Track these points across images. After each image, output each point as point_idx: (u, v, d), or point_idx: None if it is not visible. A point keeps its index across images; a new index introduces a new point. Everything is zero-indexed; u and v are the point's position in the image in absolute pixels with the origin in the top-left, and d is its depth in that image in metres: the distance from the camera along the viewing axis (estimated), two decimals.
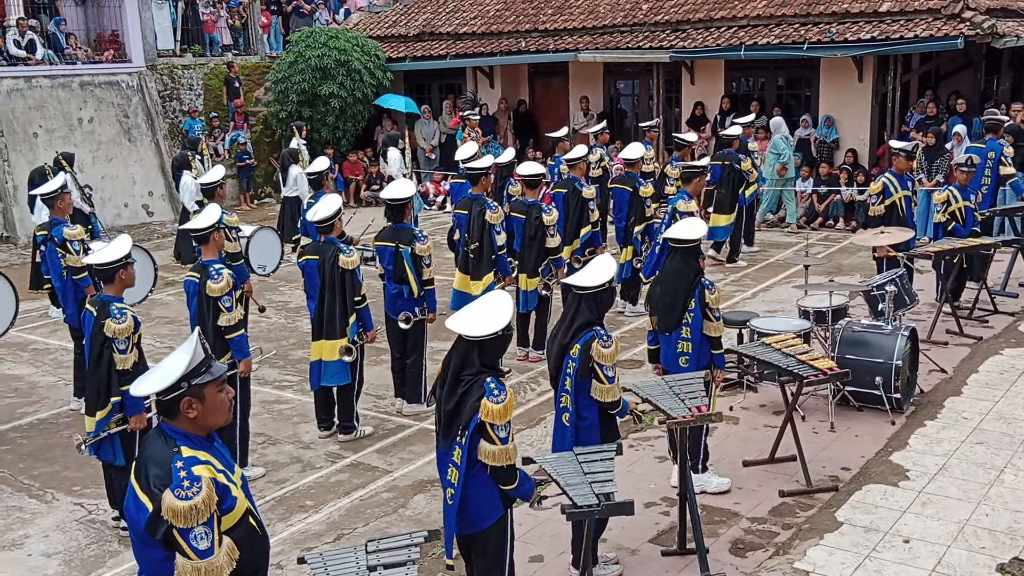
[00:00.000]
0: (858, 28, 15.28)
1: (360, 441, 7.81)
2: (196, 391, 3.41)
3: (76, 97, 17.41)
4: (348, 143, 19.71)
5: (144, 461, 3.40)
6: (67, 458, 7.70)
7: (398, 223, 8.07)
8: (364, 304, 7.66)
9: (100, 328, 6.07)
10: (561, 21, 18.73)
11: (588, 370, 5.19)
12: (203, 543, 3.28)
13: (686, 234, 6.38)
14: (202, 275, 6.81)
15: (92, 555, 6.20)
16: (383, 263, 8.12)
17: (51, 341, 10.93)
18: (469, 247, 9.05)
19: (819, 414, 7.78)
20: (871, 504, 6.20)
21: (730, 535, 6.06)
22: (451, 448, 4.55)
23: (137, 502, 3.34)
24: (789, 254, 13.25)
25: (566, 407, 5.33)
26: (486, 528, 4.62)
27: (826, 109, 16.55)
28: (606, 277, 5.28)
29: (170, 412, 3.43)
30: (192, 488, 3.25)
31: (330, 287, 7.54)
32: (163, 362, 3.51)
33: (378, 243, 8.17)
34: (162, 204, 18.05)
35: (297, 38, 19.40)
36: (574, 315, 5.30)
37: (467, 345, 4.49)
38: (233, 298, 6.81)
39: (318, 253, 7.63)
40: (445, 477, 4.62)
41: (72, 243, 8.23)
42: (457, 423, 4.49)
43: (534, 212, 9.17)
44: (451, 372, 4.53)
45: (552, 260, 9.29)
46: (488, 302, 4.67)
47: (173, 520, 3.25)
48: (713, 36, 16.62)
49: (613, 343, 5.21)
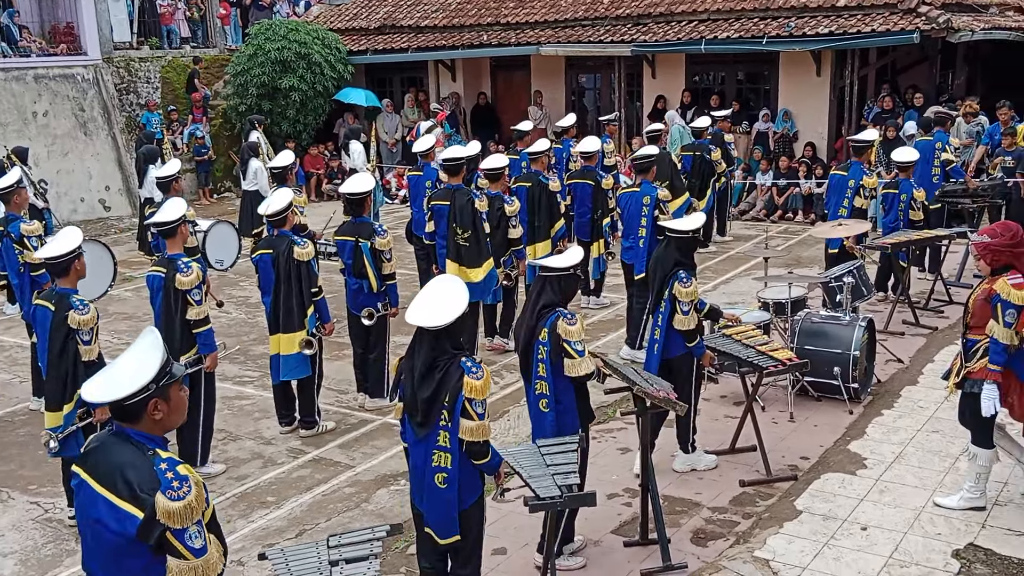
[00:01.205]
0: (816, 23, 15.43)
1: (322, 436, 7.77)
2: (163, 392, 3.32)
3: (30, 90, 17.09)
4: (309, 137, 19.56)
5: (114, 468, 3.25)
6: (23, 456, 7.58)
7: (357, 217, 8.03)
8: (321, 296, 7.62)
9: (63, 321, 6.00)
10: (523, 14, 18.72)
11: (559, 349, 5.23)
12: (198, 542, 3.24)
13: (682, 225, 6.55)
14: (169, 269, 6.74)
15: (49, 554, 6.11)
16: (343, 258, 8.08)
17: (5, 338, 10.74)
18: (460, 236, 9.03)
19: (779, 404, 7.86)
20: (830, 492, 6.28)
21: (691, 525, 6.11)
22: (434, 435, 4.55)
23: (117, 512, 3.21)
24: (749, 247, 13.37)
25: (543, 393, 5.35)
26: (470, 506, 4.67)
27: (785, 103, 16.71)
28: (573, 261, 5.36)
29: (133, 416, 3.30)
30: (183, 488, 3.20)
31: (286, 280, 7.49)
32: (118, 364, 3.36)
33: (338, 237, 8.13)
34: (119, 199, 17.79)
35: (256, 31, 19.19)
36: (538, 297, 5.38)
37: (433, 334, 4.50)
38: (202, 291, 6.76)
39: (272, 247, 7.58)
40: (429, 464, 4.58)
41: (30, 239, 8.09)
42: (437, 409, 4.50)
43: (496, 203, 9.19)
44: (422, 362, 4.52)
45: (514, 251, 9.33)
46: (440, 287, 4.66)
47: (168, 522, 3.17)
48: (674, 30, 16.71)
49: (578, 320, 5.26)
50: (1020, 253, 5.61)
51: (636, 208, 9.18)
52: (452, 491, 4.59)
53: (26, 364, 9.52)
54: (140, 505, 3.18)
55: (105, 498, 3.23)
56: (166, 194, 9.62)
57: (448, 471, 4.56)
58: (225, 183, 19.59)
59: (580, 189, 10.78)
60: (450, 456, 4.54)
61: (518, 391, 8.52)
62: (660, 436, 6.83)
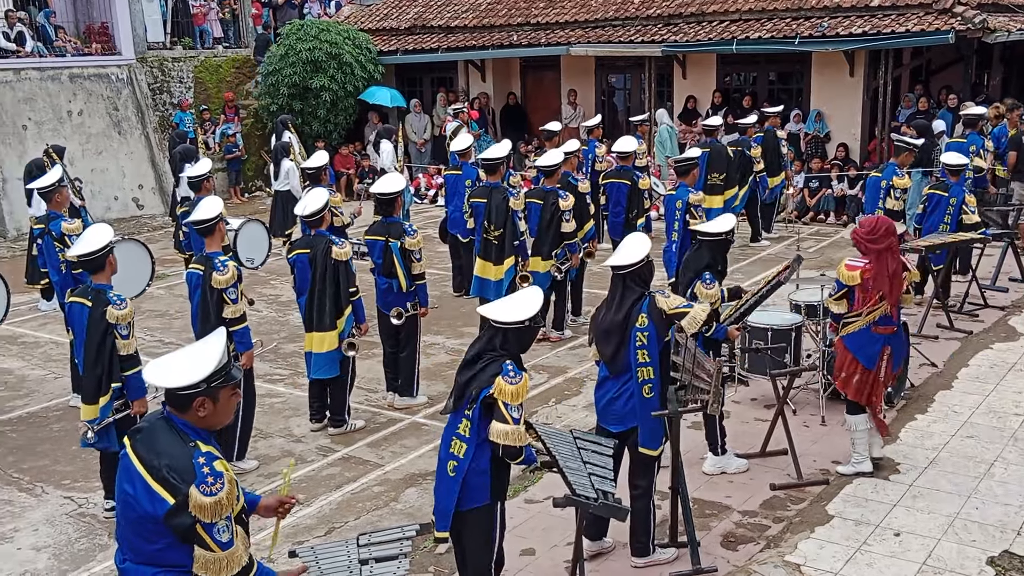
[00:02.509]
0: (850, 23, 15.29)
1: (351, 435, 7.80)
2: (212, 392, 3.46)
3: (65, 90, 17.31)
4: (339, 136, 19.65)
5: (156, 452, 3.40)
6: (57, 452, 7.68)
7: (388, 217, 8.07)
8: (358, 296, 7.66)
9: (101, 316, 6.10)
10: (553, 15, 18.70)
11: (668, 322, 5.37)
12: (225, 535, 3.39)
13: (712, 227, 6.63)
14: (206, 267, 6.81)
15: (82, 548, 6.18)
16: (373, 257, 8.12)
17: (40, 334, 10.88)
18: (491, 234, 9.24)
19: (810, 408, 7.80)
20: (862, 497, 6.22)
21: (721, 528, 6.07)
22: (456, 420, 4.65)
23: (150, 492, 3.36)
24: (780, 248, 13.29)
25: (647, 379, 5.41)
26: (468, 510, 4.67)
27: (817, 103, 16.58)
28: (644, 252, 5.47)
29: (181, 406, 3.46)
30: (216, 484, 3.34)
31: (321, 279, 7.52)
32: (183, 354, 3.56)
33: (368, 237, 8.17)
34: (152, 197, 17.97)
35: (288, 31, 19.32)
36: (622, 295, 5.46)
37: (493, 331, 4.64)
38: (238, 290, 6.83)
39: (309, 247, 7.61)
40: (447, 450, 4.67)
41: (71, 237, 8.19)
42: (467, 395, 4.60)
43: (551, 198, 9.38)
44: (474, 351, 4.68)
45: (567, 244, 9.51)
46: (522, 296, 4.82)
47: (200, 515, 3.32)
48: (705, 30, 16.62)
49: (671, 294, 5.43)
50: (873, 247, 6.27)
51: (671, 211, 9.16)
52: (456, 483, 4.63)
53: (60, 360, 9.66)
54: (173, 492, 3.33)
55: (142, 477, 3.39)
56: (197, 193, 9.71)
57: (460, 461, 4.61)
58: (256, 183, 19.74)
59: (616, 188, 10.84)
60: (465, 447, 4.61)
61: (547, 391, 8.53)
62: (689, 439, 6.82)
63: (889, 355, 6.37)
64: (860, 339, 6.34)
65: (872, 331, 6.30)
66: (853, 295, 6.39)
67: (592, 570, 5.56)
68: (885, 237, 6.27)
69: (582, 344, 9.82)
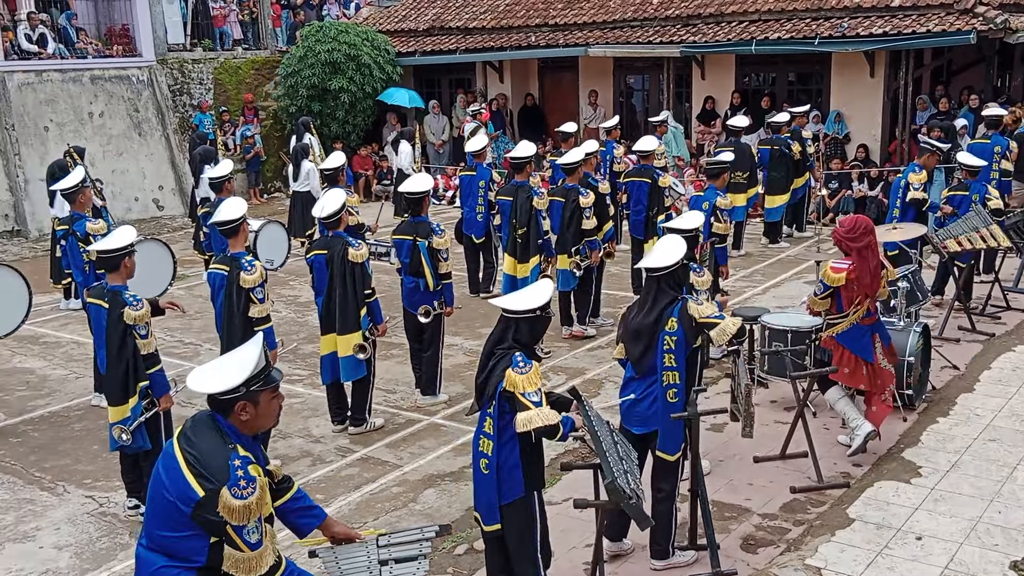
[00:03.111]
0: (870, 23, 15.20)
1: (370, 435, 7.81)
2: (253, 396, 3.53)
3: (87, 91, 17.44)
4: (358, 138, 19.71)
5: (196, 446, 3.47)
6: (78, 451, 7.73)
7: (415, 216, 8.13)
8: (374, 298, 7.67)
9: (119, 318, 6.15)
10: (571, 15, 18.68)
11: (698, 331, 5.33)
12: (254, 536, 3.47)
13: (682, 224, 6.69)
14: (233, 267, 6.85)
15: (103, 548, 6.21)
16: (400, 256, 8.18)
17: (62, 334, 10.96)
18: (518, 232, 9.45)
19: (830, 410, 7.74)
20: (883, 501, 6.18)
21: (741, 531, 6.05)
22: (481, 419, 4.75)
23: (183, 481, 3.43)
24: (800, 249, 13.23)
25: (672, 383, 5.40)
26: (511, 502, 4.74)
27: (837, 104, 16.49)
28: (679, 255, 5.44)
29: (223, 410, 3.54)
30: (247, 488, 3.41)
31: (340, 281, 7.54)
32: (224, 360, 3.65)
33: (396, 236, 8.24)
34: (172, 198, 18.08)
35: (307, 32, 19.39)
36: (655, 297, 5.45)
37: (505, 322, 4.70)
38: (265, 289, 6.88)
39: (326, 248, 7.63)
40: (478, 448, 4.77)
41: (96, 237, 8.25)
42: (486, 396, 4.67)
43: (571, 195, 9.51)
44: (486, 348, 4.74)
45: (587, 241, 9.61)
46: (533, 287, 4.89)
47: (228, 517, 3.39)
48: (724, 31, 16.57)
49: (705, 301, 5.39)
50: (854, 246, 6.53)
51: None
52: (492, 478, 4.70)
53: (81, 360, 9.74)
54: (203, 487, 3.40)
55: (179, 465, 3.46)
56: (218, 194, 9.76)
57: (489, 458, 4.71)
58: (275, 183, 19.82)
59: (636, 187, 10.91)
60: (491, 443, 4.69)
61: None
62: (708, 441, 6.80)
63: (879, 340, 6.79)
64: (851, 335, 6.69)
65: (859, 324, 6.69)
66: (839, 296, 6.69)
67: (611, 572, 5.55)
68: (864, 235, 6.59)
69: (600, 346, 9.81)
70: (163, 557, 3.50)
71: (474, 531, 6.12)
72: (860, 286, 6.59)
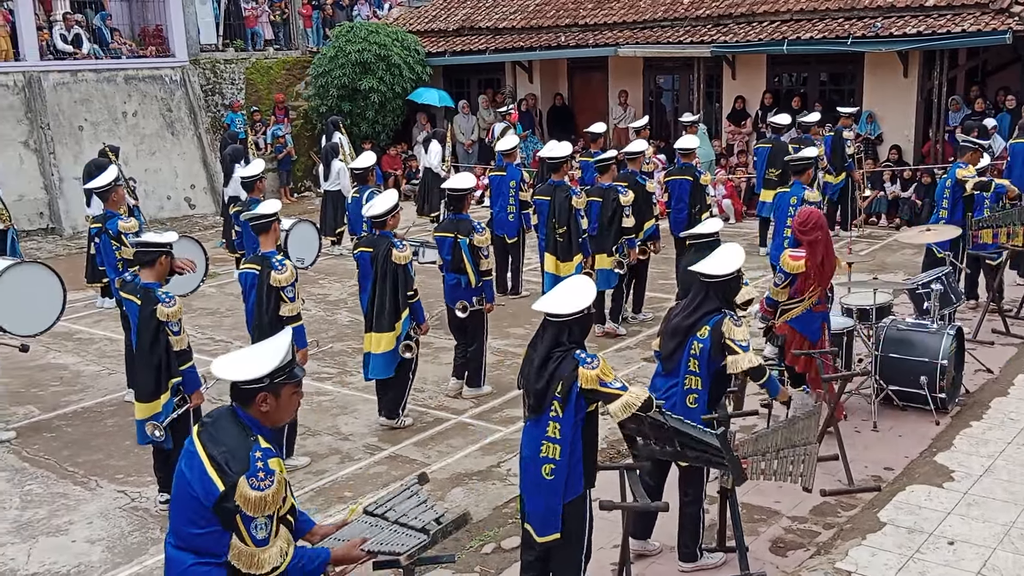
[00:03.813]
0: (904, 23, 15.05)
1: (398, 433, 7.84)
2: (275, 389, 3.54)
3: (121, 91, 17.64)
4: (387, 137, 19.79)
5: (217, 440, 3.49)
6: (111, 446, 7.81)
7: (457, 214, 8.26)
8: (416, 299, 7.76)
9: (151, 315, 6.23)
10: (601, 16, 18.65)
11: (722, 348, 5.28)
12: (261, 533, 3.45)
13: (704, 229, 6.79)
14: (264, 266, 6.91)
15: (135, 542, 6.28)
16: (442, 253, 8.30)
17: (95, 331, 11.09)
18: (558, 231, 9.53)
19: (862, 413, 7.68)
20: (915, 505, 6.11)
21: (770, 533, 6.01)
22: (543, 424, 4.64)
23: (205, 476, 3.44)
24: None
25: (692, 388, 5.40)
26: (571, 501, 4.72)
27: (870, 105, 16.33)
28: (736, 265, 5.42)
29: (245, 400, 3.54)
30: (266, 480, 3.41)
31: (382, 280, 7.63)
32: (250, 350, 3.67)
33: (437, 234, 8.38)
34: (203, 197, 18.25)
35: (338, 33, 19.50)
36: (700, 302, 5.42)
37: (555, 326, 4.64)
38: (296, 288, 6.92)
39: (372, 246, 7.73)
40: (537, 455, 4.66)
41: (127, 236, 8.34)
42: (549, 399, 4.59)
43: (611, 195, 9.59)
44: (540, 353, 4.66)
45: (626, 239, 9.72)
46: (571, 284, 4.82)
47: (243, 507, 3.39)
48: (755, 31, 16.47)
49: (743, 323, 5.33)
50: (805, 238, 6.87)
51: (784, 208, 9.22)
52: (559, 483, 4.65)
53: (114, 356, 9.84)
54: (224, 479, 3.41)
55: (201, 462, 3.47)
56: (250, 193, 9.83)
57: (556, 462, 4.63)
58: (305, 183, 19.94)
59: (678, 185, 11.00)
60: (559, 448, 4.62)
61: None
62: None
63: (826, 327, 7.17)
64: (803, 320, 7.03)
65: (812, 311, 7.01)
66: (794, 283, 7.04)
67: (638, 574, 5.53)
68: (815, 229, 6.89)
69: (627, 346, 9.79)
70: (192, 555, 3.51)
71: (502, 530, 6.13)
72: (812, 275, 6.91)
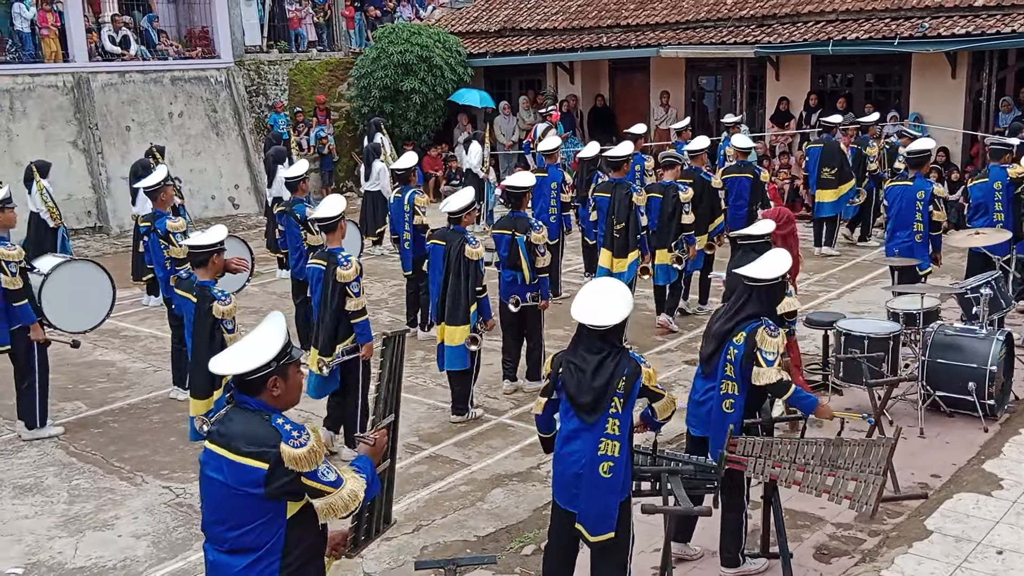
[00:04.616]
0: (952, 23, 14.82)
1: (439, 433, 7.87)
2: (283, 371, 3.59)
3: (167, 92, 17.89)
4: (428, 138, 19.87)
5: (235, 433, 3.51)
6: (156, 442, 7.92)
7: (515, 212, 8.44)
8: (484, 294, 7.95)
9: (207, 312, 6.41)
10: (644, 16, 18.58)
11: (752, 356, 5.23)
12: (331, 475, 3.52)
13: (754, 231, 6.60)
14: (330, 262, 7.07)
15: (180, 537, 6.36)
16: (499, 250, 8.46)
17: (141, 328, 11.25)
18: (616, 227, 9.70)
19: (908, 419, 7.56)
20: (963, 513, 6.00)
21: (814, 540, 5.94)
22: (603, 422, 4.64)
23: (240, 468, 3.45)
24: (876, 254, 12.94)
25: (728, 393, 5.37)
26: (627, 498, 4.75)
27: (917, 106, 16.09)
28: (781, 270, 5.37)
29: (254, 389, 3.57)
30: (302, 437, 3.47)
31: (455, 274, 7.85)
32: (245, 342, 3.66)
33: (495, 231, 8.56)
34: (247, 197, 18.45)
35: (380, 34, 19.61)
36: (742, 306, 5.38)
37: (601, 331, 4.66)
38: (360, 284, 7.08)
39: (445, 240, 7.98)
40: (595, 453, 4.64)
41: (175, 235, 8.47)
42: (609, 396, 4.61)
43: (671, 192, 9.80)
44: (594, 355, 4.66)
45: (685, 236, 9.85)
46: (605, 287, 4.83)
47: (296, 467, 3.43)
48: (800, 31, 16.31)
49: (780, 334, 5.24)
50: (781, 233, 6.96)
51: (909, 202, 9.14)
52: (617, 481, 4.66)
53: (160, 354, 9.97)
54: (264, 458, 3.43)
55: (228, 459, 3.49)
56: (293, 193, 9.91)
57: (616, 460, 4.64)
58: (347, 183, 20.07)
59: (737, 183, 11.28)
60: (618, 445, 4.64)
61: None
62: None
63: None
64: None
65: None
66: None
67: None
68: (787, 224, 7.12)
69: (669, 349, 9.74)
70: (241, 557, 3.52)
71: (541, 531, 6.10)
72: None
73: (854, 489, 4.94)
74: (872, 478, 4.90)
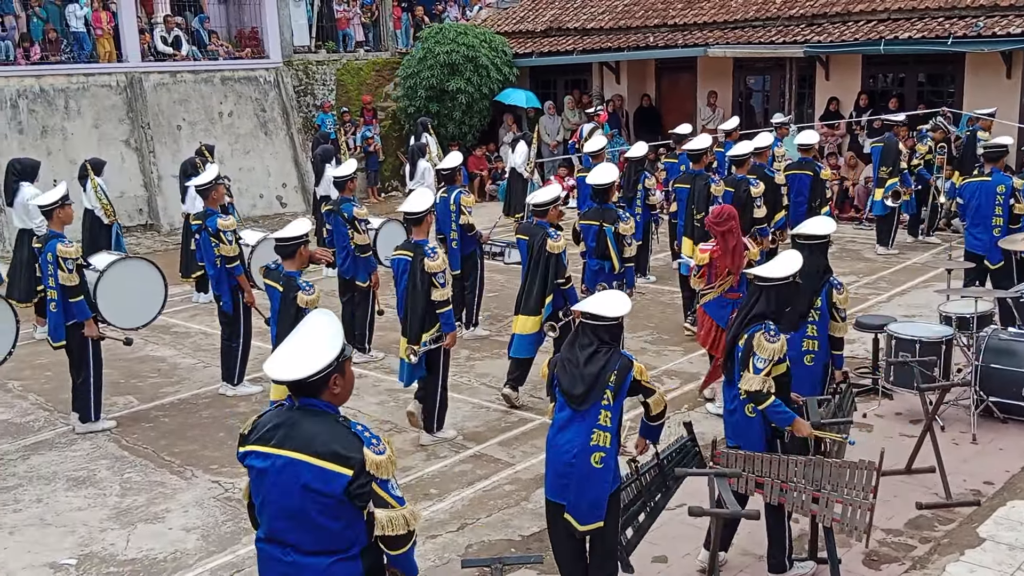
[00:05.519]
0: (1007, 22, 14.53)
1: (483, 432, 7.89)
2: (342, 368, 3.59)
3: (217, 91, 18.13)
4: (473, 138, 19.91)
5: (313, 437, 3.45)
6: (205, 437, 8.03)
7: (603, 204, 8.69)
8: (569, 285, 8.21)
9: (292, 301, 6.83)
10: (691, 15, 18.46)
11: (747, 360, 5.18)
12: (399, 491, 3.54)
13: (816, 230, 6.30)
14: (416, 253, 7.29)
15: (228, 531, 6.44)
16: (586, 240, 8.77)
17: (191, 325, 11.42)
18: (696, 217, 10.26)
19: (960, 425, 7.44)
20: (1016, 521, 5.89)
21: (863, 546, 5.85)
22: (594, 413, 4.75)
23: (323, 473, 3.41)
24: (928, 256, 12.75)
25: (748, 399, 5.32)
26: (615, 491, 4.87)
27: (971, 106, 15.78)
28: (791, 271, 5.33)
29: (316, 389, 3.53)
30: (380, 444, 3.49)
31: (535, 266, 8.19)
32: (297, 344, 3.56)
33: (583, 222, 8.85)
34: (294, 195, 18.64)
35: (426, 34, 19.70)
36: (750, 308, 5.35)
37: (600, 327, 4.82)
38: (447, 275, 7.35)
39: (528, 233, 8.33)
40: (587, 444, 4.73)
41: (225, 233, 8.57)
42: (600, 386, 4.72)
43: (742, 186, 9.98)
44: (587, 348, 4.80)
45: (757, 229, 10.01)
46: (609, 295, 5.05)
47: (377, 473, 3.45)
48: (851, 30, 16.09)
49: (780, 340, 5.17)
50: (718, 229, 7.40)
51: (988, 197, 9.17)
52: (608, 472, 4.76)
53: (209, 350, 10.11)
54: (348, 464, 3.42)
55: (308, 463, 3.45)
56: (341, 192, 10.00)
57: (607, 451, 4.74)
58: (392, 182, 20.20)
59: (798, 179, 11.68)
60: (609, 436, 4.75)
61: (678, 397, 8.40)
62: None
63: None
64: (715, 306, 7.52)
65: (723, 297, 7.47)
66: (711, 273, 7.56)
67: None
68: (727, 221, 7.40)
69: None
70: (325, 557, 3.50)
71: None
72: (723, 263, 7.44)
73: (841, 512, 4.91)
74: (862, 503, 4.86)
